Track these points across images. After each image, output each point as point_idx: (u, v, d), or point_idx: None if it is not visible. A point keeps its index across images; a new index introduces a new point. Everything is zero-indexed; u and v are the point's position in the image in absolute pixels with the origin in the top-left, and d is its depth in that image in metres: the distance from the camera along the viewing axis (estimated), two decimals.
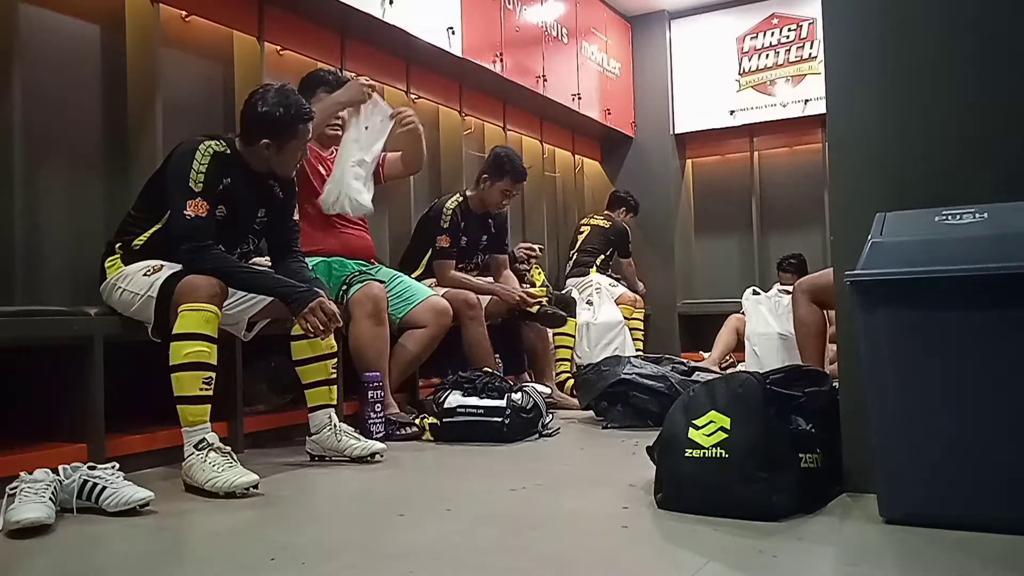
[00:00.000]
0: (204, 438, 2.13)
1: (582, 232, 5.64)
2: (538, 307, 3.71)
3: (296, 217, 2.66)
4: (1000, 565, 1.42)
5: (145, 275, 2.31)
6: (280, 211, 2.59)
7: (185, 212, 2.28)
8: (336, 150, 3.23)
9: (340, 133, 3.19)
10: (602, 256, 5.48)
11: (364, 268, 3.16)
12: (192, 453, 2.13)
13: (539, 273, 4.42)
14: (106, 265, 2.41)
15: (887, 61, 1.90)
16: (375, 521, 1.84)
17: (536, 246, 4.41)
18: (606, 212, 5.78)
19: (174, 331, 2.18)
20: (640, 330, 5.65)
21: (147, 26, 3.04)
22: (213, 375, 2.20)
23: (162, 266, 2.32)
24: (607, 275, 5.40)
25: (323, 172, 3.16)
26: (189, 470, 2.12)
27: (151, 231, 2.39)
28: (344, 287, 3.02)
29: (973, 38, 1.83)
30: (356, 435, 2.52)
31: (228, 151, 2.41)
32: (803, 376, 1.94)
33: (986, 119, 1.81)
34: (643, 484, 1.96)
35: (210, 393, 2.19)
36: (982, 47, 1.82)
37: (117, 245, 2.42)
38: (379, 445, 2.51)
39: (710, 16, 6.42)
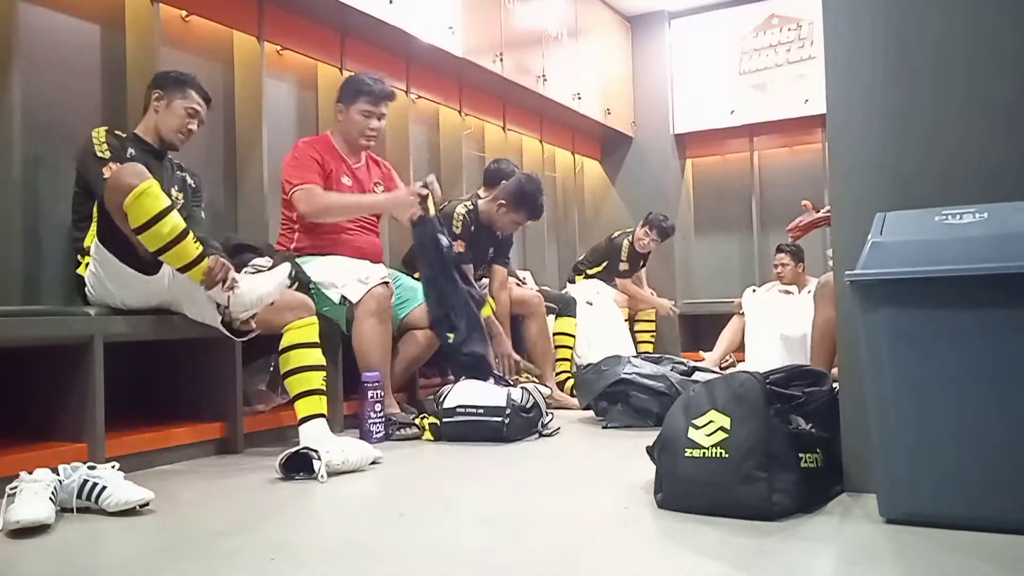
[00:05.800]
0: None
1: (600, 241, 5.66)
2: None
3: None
4: (1000, 565, 1.42)
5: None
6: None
7: (106, 178, 2.33)
8: (364, 156, 3.27)
9: (372, 144, 3.24)
10: (595, 268, 5.43)
11: None
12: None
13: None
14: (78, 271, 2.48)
15: (887, 61, 1.90)
16: (375, 521, 1.84)
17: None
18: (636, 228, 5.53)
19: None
20: (651, 331, 5.66)
21: (147, 26, 3.05)
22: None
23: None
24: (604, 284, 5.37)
25: (347, 184, 3.18)
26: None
27: (90, 231, 2.43)
28: None
29: (973, 38, 1.83)
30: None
31: (119, 132, 2.57)
32: (803, 376, 1.95)
33: (986, 119, 1.81)
34: (643, 484, 1.96)
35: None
36: (982, 47, 1.82)
37: (78, 256, 2.48)
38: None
39: (710, 16, 6.42)
